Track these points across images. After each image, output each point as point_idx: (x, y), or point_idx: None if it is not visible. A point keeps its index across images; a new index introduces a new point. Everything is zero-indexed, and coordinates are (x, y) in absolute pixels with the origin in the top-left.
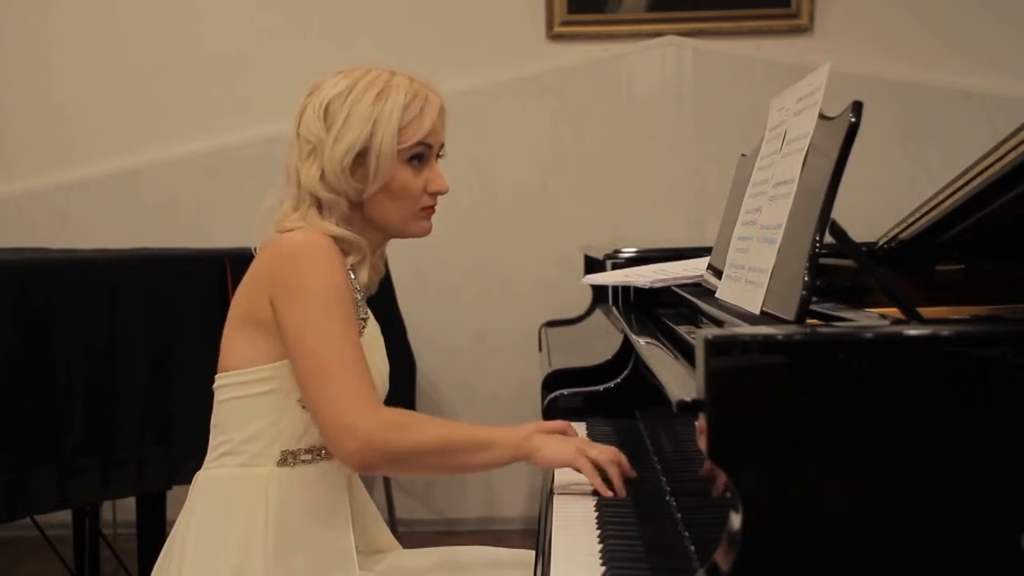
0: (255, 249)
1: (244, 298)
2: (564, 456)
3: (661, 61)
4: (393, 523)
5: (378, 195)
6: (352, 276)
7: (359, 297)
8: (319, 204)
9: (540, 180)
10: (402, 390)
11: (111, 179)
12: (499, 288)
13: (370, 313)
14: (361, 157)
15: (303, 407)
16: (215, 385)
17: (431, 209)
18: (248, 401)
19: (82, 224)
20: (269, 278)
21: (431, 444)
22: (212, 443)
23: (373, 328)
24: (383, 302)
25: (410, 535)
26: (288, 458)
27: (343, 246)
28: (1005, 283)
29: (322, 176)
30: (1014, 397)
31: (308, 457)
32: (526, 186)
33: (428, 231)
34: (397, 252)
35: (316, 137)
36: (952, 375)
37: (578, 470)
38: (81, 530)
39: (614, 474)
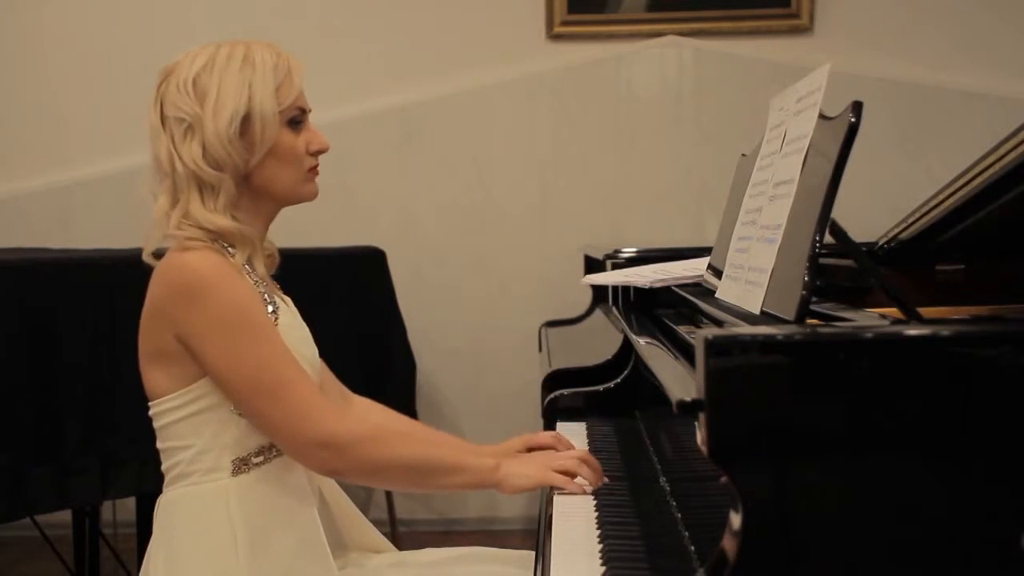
0: (145, 258)
1: (148, 333)
2: (531, 480)
3: (661, 61)
4: (393, 523)
5: (265, 162)
6: (250, 271)
7: (262, 290)
8: (201, 189)
9: (540, 180)
10: (402, 390)
11: (111, 179)
12: (499, 288)
13: (280, 300)
14: (244, 124)
15: (239, 414)
16: (150, 413)
17: (316, 170)
18: (185, 423)
19: (82, 224)
20: (170, 315)
21: (408, 460)
22: (164, 467)
23: (288, 315)
24: (383, 302)
25: (410, 535)
26: (241, 466)
27: (230, 240)
28: (1005, 283)
29: (204, 152)
30: (1014, 397)
31: (260, 459)
32: (526, 186)
33: (316, 193)
34: (397, 252)
35: (191, 114)
36: (952, 375)
37: (551, 487)
38: (81, 530)
39: (586, 472)
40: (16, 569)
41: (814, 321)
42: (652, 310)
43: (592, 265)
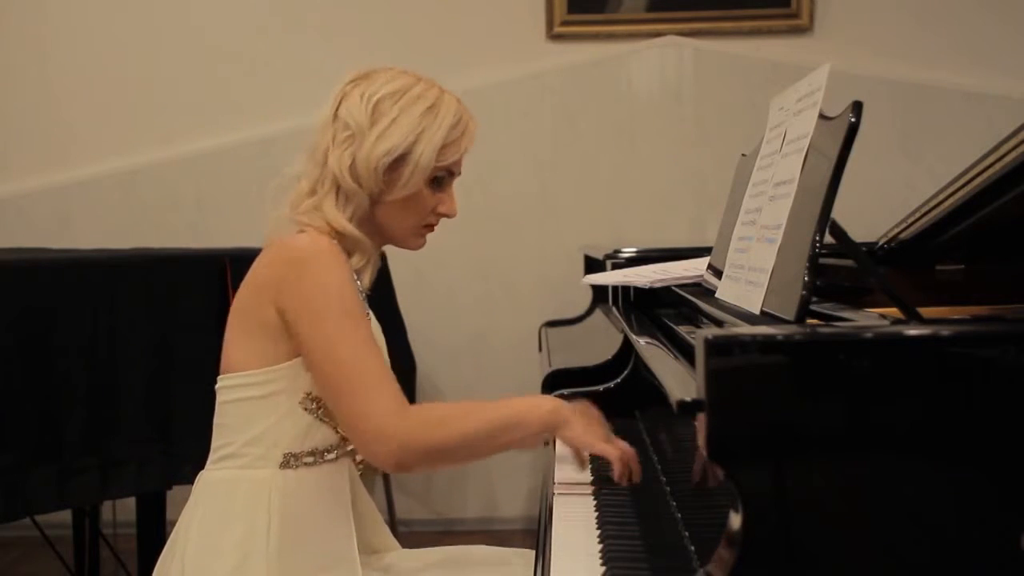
0: (269, 232)
1: (248, 301)
2: (583, 441)
3: (661, 61)
4: (393, 523)
5: (395, 203)
6: (356, 278)
7: (362, 297)
8: (338, 192)
9: (540, 180)
10: (402, 390)
11: (111, 179)
12: (499, 288)
13: (371, 312)
14: (397, 163)
15: (305, 410)
16: (218, 386)
17: (432, 228)
18: (251, 403)
19: (82, 224)
20: (276, 286)
21: (471, 433)
22: (214, 443)
23: (375, 327)
24: (383, 302)
25: (410, 535)
26: (290, 460)
27: (349, 245)
28: (1005, 283)
29: (352, 165)
30: (1014, 397)
31: (311, 460)
32: (526, 186)
33: (420, 247)
34: (397, 252)
35: (358, 126)
36: (952, 375)
37: (603, 456)
38: (81, 530)
39: (626, 470)
40: (16, 569)
41: (814, 321)
42: (652, 310)
43: (592, 265)
